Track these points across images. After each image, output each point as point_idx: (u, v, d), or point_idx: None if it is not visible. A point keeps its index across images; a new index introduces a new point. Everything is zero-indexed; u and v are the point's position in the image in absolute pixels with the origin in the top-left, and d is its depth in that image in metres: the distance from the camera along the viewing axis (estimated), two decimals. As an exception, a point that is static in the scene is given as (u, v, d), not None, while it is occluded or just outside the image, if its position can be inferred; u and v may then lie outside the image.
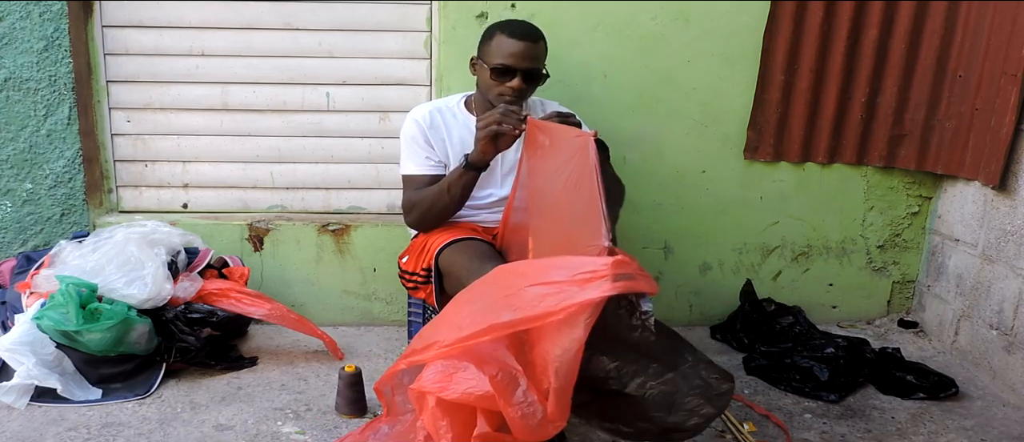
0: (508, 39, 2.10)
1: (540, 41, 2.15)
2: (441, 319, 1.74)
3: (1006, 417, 2.33)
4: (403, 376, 1.79)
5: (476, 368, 1.57)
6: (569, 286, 1.50)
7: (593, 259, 1.54)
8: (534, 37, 2.14)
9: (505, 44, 2.10)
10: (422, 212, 2.20)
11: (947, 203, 2.83)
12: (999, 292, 2.52)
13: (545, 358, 1.55)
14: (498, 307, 1.59)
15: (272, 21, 2.69)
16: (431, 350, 1.65)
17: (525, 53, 2.10)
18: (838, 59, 2.69)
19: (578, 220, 1.74)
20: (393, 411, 1.87)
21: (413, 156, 2.24)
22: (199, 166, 2.82)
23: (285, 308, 2.52)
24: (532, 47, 2.12)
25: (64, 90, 2.63)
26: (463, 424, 1.62)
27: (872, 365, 2.51)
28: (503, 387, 1.57)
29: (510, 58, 2.09)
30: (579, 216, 1.73)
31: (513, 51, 2.09)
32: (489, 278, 1.71)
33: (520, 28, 2.14)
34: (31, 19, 2.56)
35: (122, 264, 2.33)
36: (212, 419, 2.16)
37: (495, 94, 2.14)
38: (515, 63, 2.10)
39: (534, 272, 1.60)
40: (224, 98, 2.76)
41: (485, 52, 2.15)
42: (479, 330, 1.57)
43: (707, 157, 2.82)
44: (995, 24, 2.50)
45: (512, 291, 1.59)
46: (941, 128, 2.72)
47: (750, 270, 2.94)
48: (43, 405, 2.17)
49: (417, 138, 2.22)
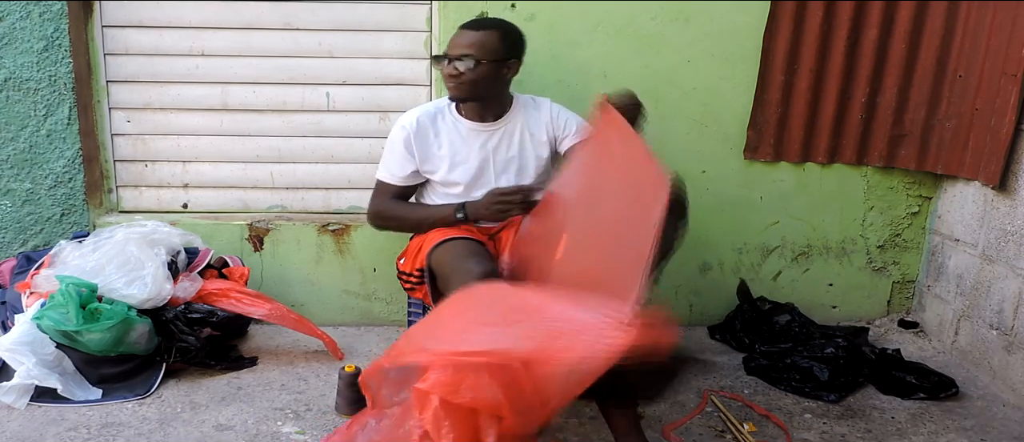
0: (458, 30, 2.18)
1: (483, 30, 2.16)
2: (438, 322, 1.74)
3: (1006, 417, 2.33)
4: (390, 372, 1.80)
5: (489, 377, 1.58)
6: (589, 338, 1.49)
7: (621, 312, 1.51)
8: (477, 26, 2.18)
9: (454, 35, 2.18)
10: (394, 227, 2.36)
11: (947, 203, 2.82)
12: (999, 292, 2.52)
13: (549, 379, 1.57)
14: (509, 330, 1.61)
15: (272, 21, 2.69)
16: (424, 355, 1.66)
17: (461, 40, 2.15)
18: (838, 59, 2.69)
19: (616, 265, 1.70)
20: (378, 404, 1.87)
21: (390, 163, 2.29)
22: (199, 166, 2.82)
23: (285, 308, 2.52)
24: (469, 34, 2.15)
25: (64, 90, 2.63)
26: (465, 427, 1.63)
27: (872, 365, 2.51)
28: (512, 397, 1.58)
29: (449, 46, 2.17)
30: (619, 263, 1.69)
31: (452, 40, 2.17)
32: (499, 292, 1.72)
33: (473, 21, 2.21)
34: (31, 19, 2.56)
35: (122, 264, 2.33)
36: (212, 419, 2.16)
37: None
38: (449, 50, 2.16)
39: (554, 307, 1.60)
40: (224, 98, 2.76)
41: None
42: (485, 350, 1.58)
43: (707, 157, 2.82)
44: (995, 24, 2.50)
45: (525, 316, 1.61)
46: (941, 128, 2.72)
47: (750, 270, 2.94)
48: (43, 405, 2.18)
49: (398, 147, 2.26)
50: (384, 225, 2.35)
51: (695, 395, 2.37)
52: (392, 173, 2.28)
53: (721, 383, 2.48)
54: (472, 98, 2.20)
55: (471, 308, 1.71)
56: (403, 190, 2.30)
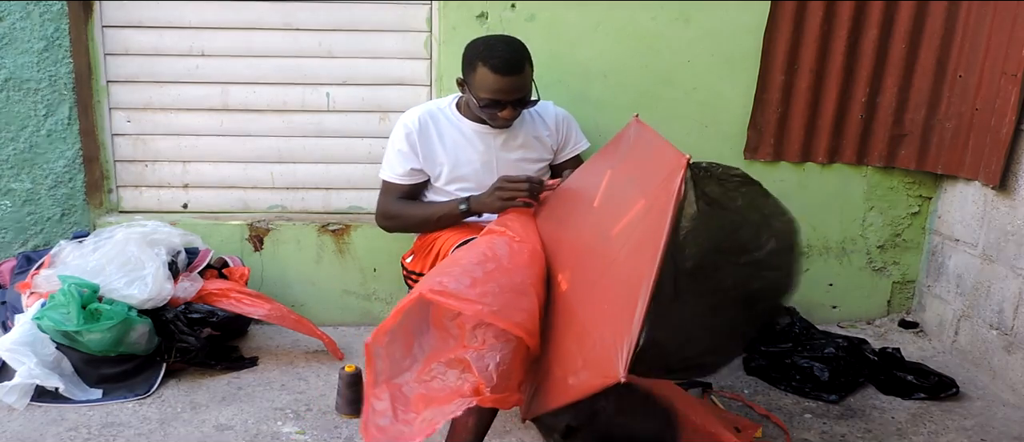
0: (491, 74, 2.07)
1: (524, 69, 2.11)
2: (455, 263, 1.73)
3: (1006, 417, 2.33)
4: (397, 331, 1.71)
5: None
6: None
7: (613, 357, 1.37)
8: (517, 69, 2.09)
9: (489, 80, 2.07)
10: (401, 227, 2.31)
11: (947, 203, 2.82)
12: (999, 292, 2.52)
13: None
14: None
15: (272, 21, 2.69)
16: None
17: (510, 87, 2.09)
18: (838, 59, 2.69)
19: (611, 294, 1.51)
20: (384, 377, 1.69)
21: (394, 163, 2.27)
22: (199, 166, 2.82)
23: (285, 308, 2.52)
24: (517, 80, 2.10)
25: (64, 90, 2.63)
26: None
27: (872, 365, 2.51)
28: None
29: (496, 93, 2.09)
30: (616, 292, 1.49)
31: (498, 87, 2.08)
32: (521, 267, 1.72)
33: (503, 60, 2.07)
34: (31, 19, 2.56)
35: (122, 264, 2.33)
36: (212, 419, 2.16)
37: (488, 117, 2.17)
38: (502, 97, 2.10)
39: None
40: (224, 98, 2.76)
41: (470, 81, 2.14)
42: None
43: (707, 157, 2.71)
44: (995, 24, 2.50)
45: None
46: (941, 128, 2.72)
47: (750, 270, 2.94)
48: (43, 405, 2.18)
49: (402, 146, 2.25)
50: (391, 225, 2.33)
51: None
52: (395, 172, 2.28)
53: (721, 383, 2.48)
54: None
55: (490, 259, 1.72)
56: (408, 189, 2.29)
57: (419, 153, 2.24)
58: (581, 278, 1.68)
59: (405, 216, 2.28)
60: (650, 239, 1.40)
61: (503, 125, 2.19)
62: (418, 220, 2.28)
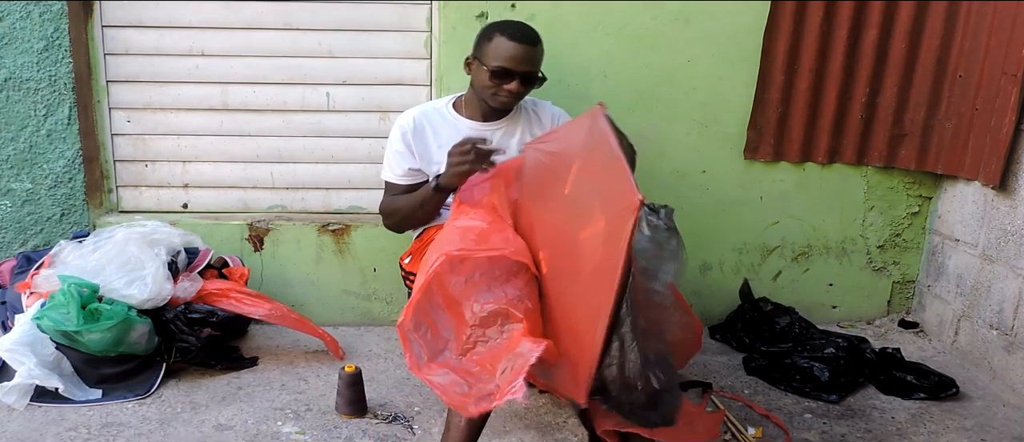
0: (508, 42, 2.09)
1: (539, 44, 2.15)
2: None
3: (1006, 417, 2.33)
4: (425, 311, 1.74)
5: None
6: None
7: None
8: (533, 40, 2.13)
9: (504, 46, 2.09)
10: (399, 220, 2.29)
11: (947, 203, 2.82)
12: (999, 292, 2.52)
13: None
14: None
15: (272, 21, 2.69)
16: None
17: (524, 56, 2.10)
18: (838, 59, 2.69)
19: (579, 313, 1.62)
20: (425, 360, 1.70)
21: (392, 163, 2.28)
22: (199, 166, 2.82)
23: (285, 308, 2.52)
24: (531, 50, 2.12)
25: (64, 90, 2.63)
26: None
27: (872, 365, 2.51)
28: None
29: (509, 61, 2.09)
30: (582, 312, 1.61)
31: (513, 54, 2.09)
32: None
33: (520, 31, 2.13)
34: (31, 19, 2.56)
35: (122, 264, 2.33)
36: (212, 419, 2.16)
37: (491, 95, 2.15)
38: (514, 66, 2.10)
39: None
40: (224, 98, 2.76)
41: (483, 53, 2.15)
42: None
43: (707, 157, 2.82)
44: (995, 24, 2.50)
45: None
46: (941, 128, 2.72)
47: (750, 270, 2.94)
48: (43, 405, 2.18)
49: (399, 146, 2.25)
50: (391, 222, 2.31)
51: (695, 395, 2.37)
52: (395, 172, 2.28)
53: (721, 383, 2.48)
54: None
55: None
56: (409, 188, 2.27)
57: (415, 153, 2.24)
58: (557, 268, 1.73)
59: (398, 209, 2.27)
60: (607, 271, 1.46)
61: (506, 103, 2.17)
62: (408, 211, 2.25)
